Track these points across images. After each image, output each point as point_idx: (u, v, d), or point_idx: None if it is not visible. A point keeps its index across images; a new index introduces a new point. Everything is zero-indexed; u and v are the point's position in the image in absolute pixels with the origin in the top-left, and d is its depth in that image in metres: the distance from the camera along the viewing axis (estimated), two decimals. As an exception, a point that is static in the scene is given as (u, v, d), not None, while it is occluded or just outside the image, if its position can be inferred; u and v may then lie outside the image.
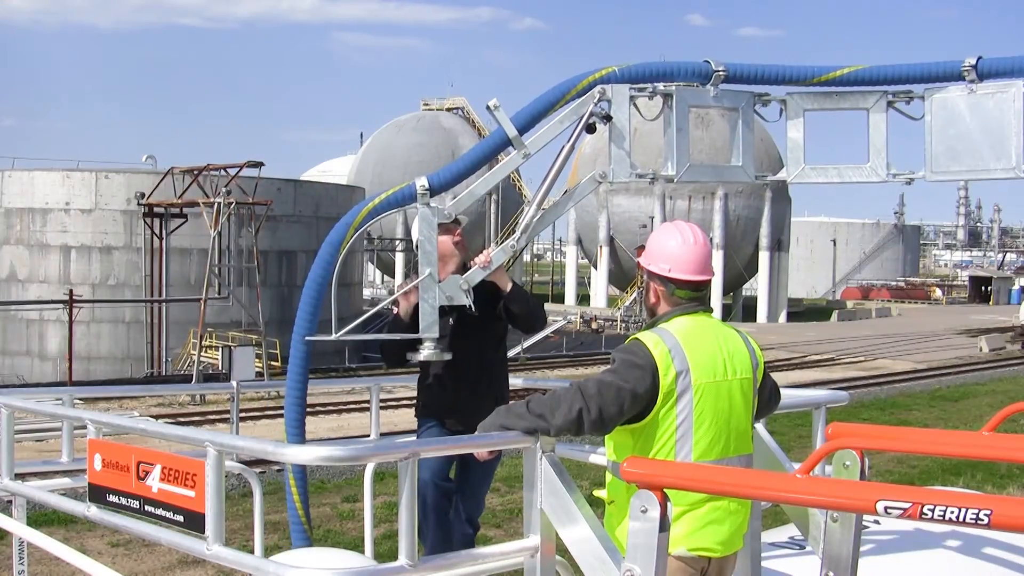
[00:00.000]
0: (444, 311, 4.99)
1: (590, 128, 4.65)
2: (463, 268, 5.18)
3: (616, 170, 4.69)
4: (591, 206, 64.35)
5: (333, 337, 4.69)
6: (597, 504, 3.57)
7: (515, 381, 5.94)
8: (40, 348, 37.30)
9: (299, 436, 4.82)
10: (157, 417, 21.70)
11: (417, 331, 4.67)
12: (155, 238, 35.92)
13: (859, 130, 4.76)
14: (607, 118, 4.62)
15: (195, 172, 34.35)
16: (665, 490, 2.87)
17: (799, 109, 4.81)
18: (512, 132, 4.61)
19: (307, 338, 4.79)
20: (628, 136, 4.66)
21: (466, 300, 4.70)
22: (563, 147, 4.69)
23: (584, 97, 4.62)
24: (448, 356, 4.79)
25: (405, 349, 4.89)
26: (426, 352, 4.68)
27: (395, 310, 5.20)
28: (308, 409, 4.92)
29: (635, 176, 4.73)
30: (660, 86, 4.69)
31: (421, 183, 4.61)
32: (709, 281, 3.67)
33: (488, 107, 4.58)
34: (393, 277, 71.46)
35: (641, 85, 4.67)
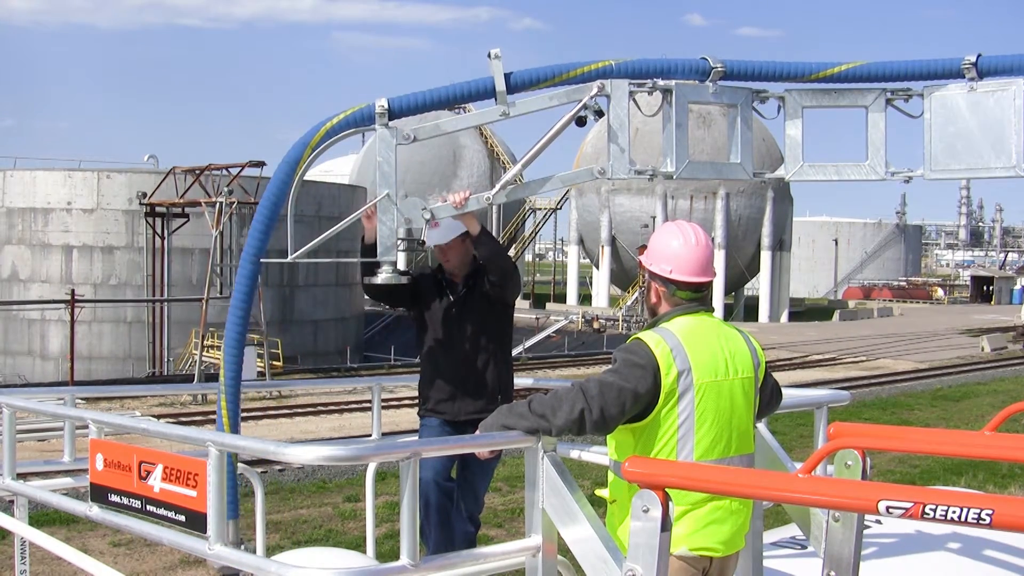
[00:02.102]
0: (444, 290, 5.17)
1: (580, 121, 4.61)
2: (470, 265, 5.20)
3: (615, 166, 4.66)
4: (593, 206, 64.31)
5: (288, 260, 4.60)
6: (599, 504, 3.57)
7: (517, 380, 5.93)
8: (42, 348, 37.33)
9: (236, 362, 4.67)
10: (159, 417, 21.71)
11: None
12: (157, 238, 35.98)
13: (858, 128, 4.75)
14: (599, 113, 4.60)
15: (197, 172, 34.38)
16: (667, 490, 2.87)
17: (797, 106, 4.79)
18: (500, 85, 4.50)
19: (259, 259, 4.70)
20: (627, 132, 4.63)
21: (423, 224, 4.60)
22: (555, 124, 4.62)
23: (583, 85, 4.56)
24: (405, 280, 4.67)
25: (367, 274, 4.79)
26: (383, 276, 4.57)
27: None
28: (309, 409, 4.91)
29: (633, 173, 4.69)
30: (659, 82, 4.65)
31: (380, 103, 4.48)
32: (711, 282, 3.67)
33: (489, 54, 4.48)
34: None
35: (640, 81, 4.64)
